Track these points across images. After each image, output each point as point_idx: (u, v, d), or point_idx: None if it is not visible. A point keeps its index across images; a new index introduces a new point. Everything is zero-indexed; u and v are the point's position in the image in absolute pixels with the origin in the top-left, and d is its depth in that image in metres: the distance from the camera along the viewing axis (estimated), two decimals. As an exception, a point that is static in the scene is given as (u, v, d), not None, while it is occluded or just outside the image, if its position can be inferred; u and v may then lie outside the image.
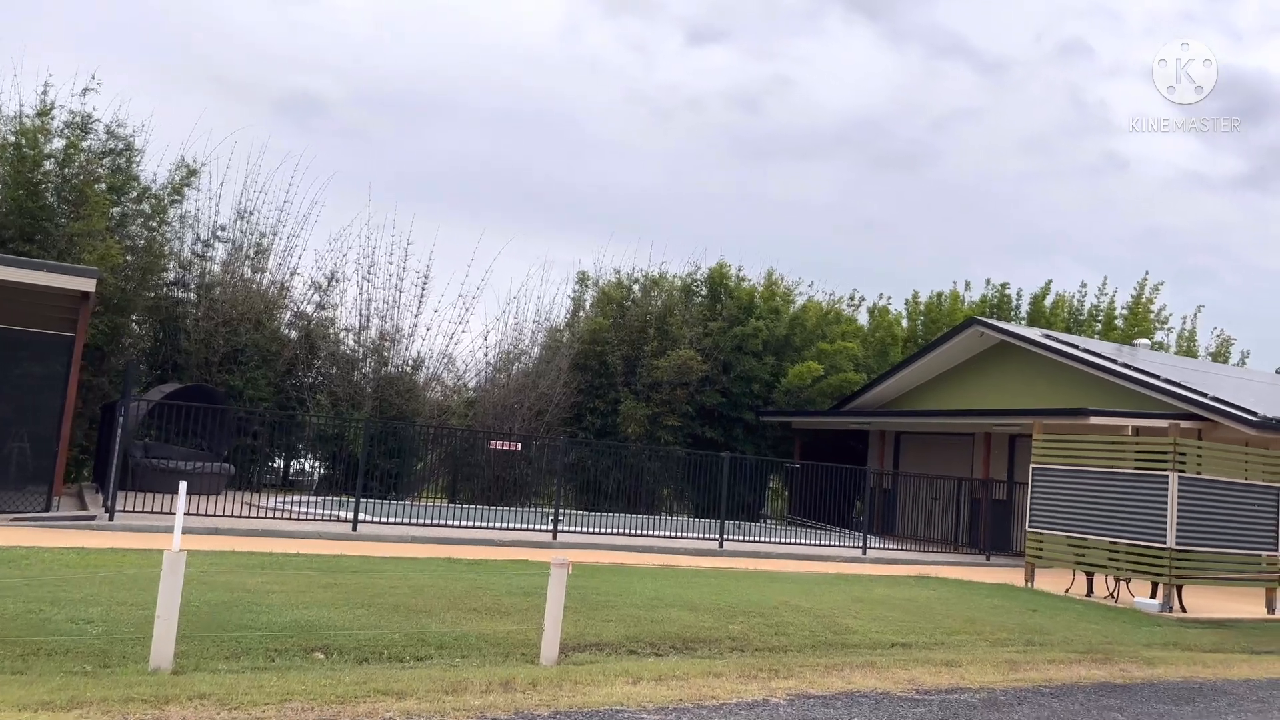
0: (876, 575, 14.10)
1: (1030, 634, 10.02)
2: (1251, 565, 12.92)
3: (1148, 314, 31.30)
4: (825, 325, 26.42)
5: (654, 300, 24.82)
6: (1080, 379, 19.21)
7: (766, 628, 8.90)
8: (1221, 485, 12.71)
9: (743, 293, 25.18)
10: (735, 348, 24.40)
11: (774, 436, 25.35)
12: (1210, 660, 9.14)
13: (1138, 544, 12.67)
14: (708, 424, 24.44)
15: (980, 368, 21.84)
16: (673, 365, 23.07)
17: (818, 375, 23.83)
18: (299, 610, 7.49)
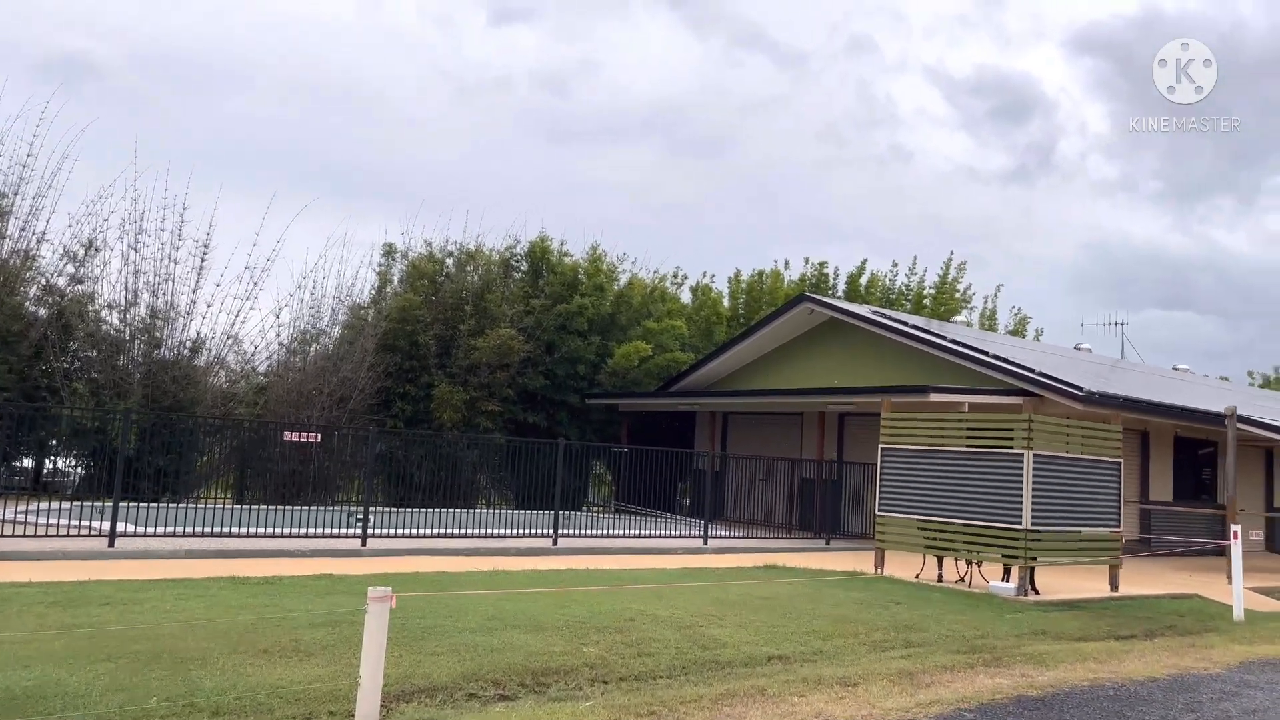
0: (724, 568, 13.06)
1: (904, 631, 9.17)
2: (1097, 542, 12.73)
3: (954, 293, 32.20)
4: (651, 303, 25.39)
5: (470, 276, 22.96)
6: (910, 356, 18.98)
7: (627, 647, 7.55)
8: (1072, 462, 12.42)
9: (566, 268, 23.72)
10: (559, 327, 22.94)
11: (600, 420, 24.10)
12: (1096, 653, 8.53)
13: (992, 525, 12.19)
14: (530, 409, 22.88)
15: (810, 345, 21.36)
16: (492, 346, 21.35)
17: (645, 355, 22.73)
18: (14, 672, 5.47)
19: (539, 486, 17.04)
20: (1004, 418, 12.76)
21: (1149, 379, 23.40)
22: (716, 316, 27.28)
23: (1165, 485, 20.67)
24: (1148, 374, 25.23)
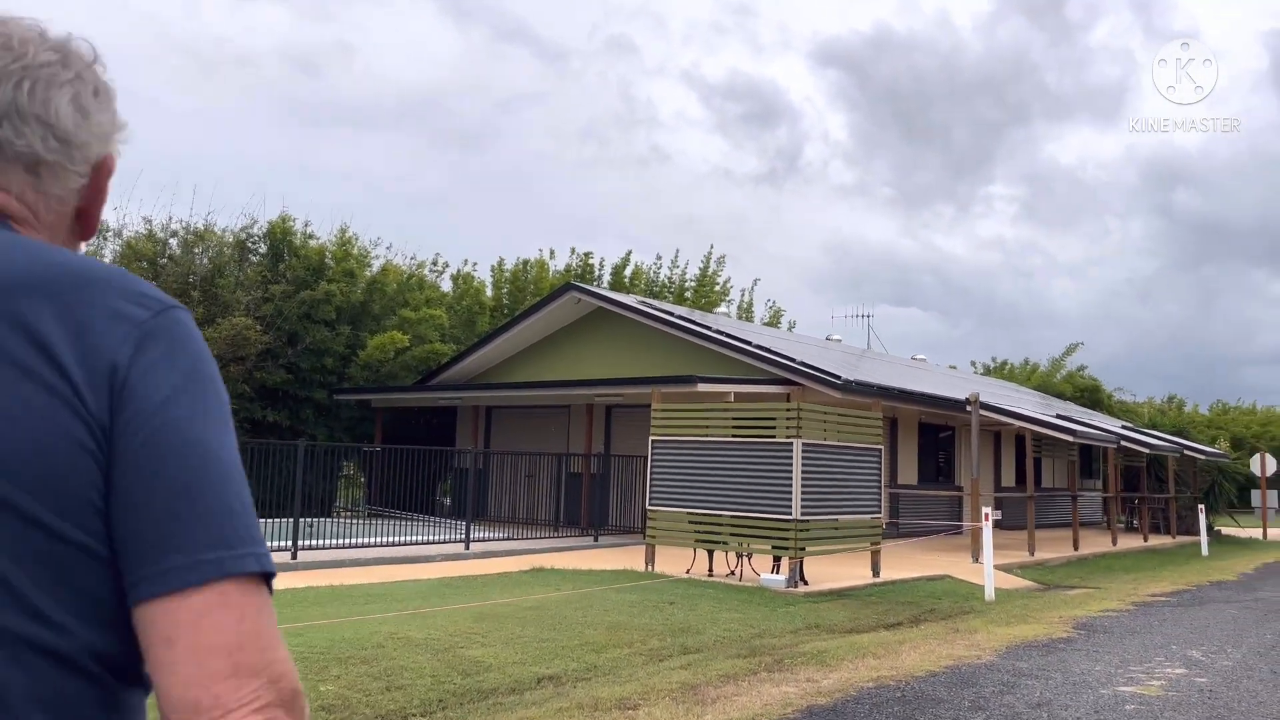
0: (488, 574, 12.07)
1: (681, 635, 8.60)
2: (862, 529, 12.82)
3: (714, 286, 32.68)
4: (408, 292, 23.84)
5: (198, 258, 20.52)
6: (677, 346, 18.73)
7: (373, 680, 6.45)
8: (838, 450, 12.40)
9: (311, 252, 21.74)
10: (303, 315, 20.97)
11: (351, 418, 22.32)
12: (873, 647, 8.30)
13: (762, 517, 11.94)
14: (271, 406, 20.78)
15: (577, 336, 20.70)
16: (224, 336, 19.12)
17: (402, 346, 21.23)
18: None
19: (279, 493, 15.28)
20: (772, 407, 12.56)
21: (894, 368, 24.58)
22: (479, 306, 26.10)
23: (911, 469, 21.69)
24: (892, 363, 26.56)
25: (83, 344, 0.80)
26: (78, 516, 0.78)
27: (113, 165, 0.98)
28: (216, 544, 0.79)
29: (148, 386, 0.80)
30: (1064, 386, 38.96)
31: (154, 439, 0.80)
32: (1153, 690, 6.79)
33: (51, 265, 0.83)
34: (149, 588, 0.78)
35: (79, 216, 0.97)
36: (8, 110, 0.89)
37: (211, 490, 0.80)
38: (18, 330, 0.79)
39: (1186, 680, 7.15)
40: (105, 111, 0.96)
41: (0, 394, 0.77)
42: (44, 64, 0.91)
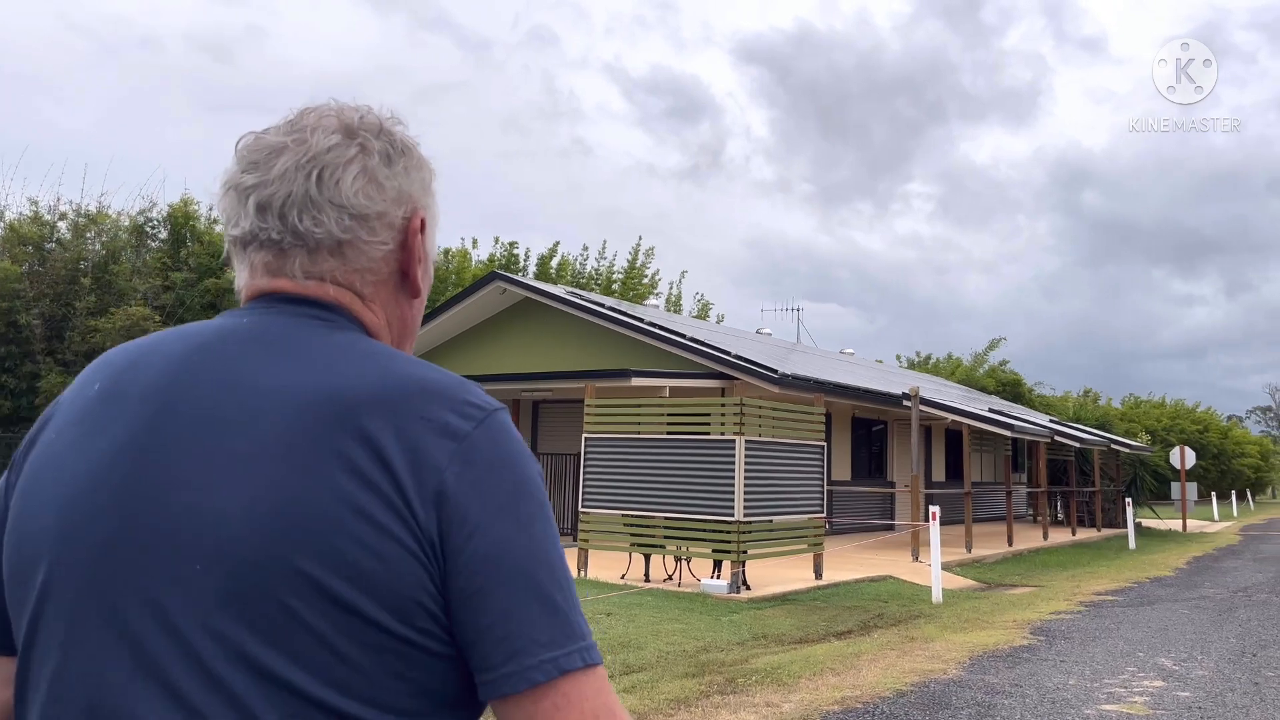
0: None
1: (621, 650, 7.87)
2: (804, 530, 12.24)
3: (642, 278, 32.02)
4: (321, 281, 22.59)
5: (91, 243, 19.01)
6: (608, 338, 17.97)
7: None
8: (779, 447, 11.79)
9: (217, 238, 20.33)
10: (208, 305, 19.61)
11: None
12: (828, 660, 7.67)
13: (702, 519, 11.27)
14: (171, 401, 19.39)
15: (503, 328, 19.77)
16: (119, 327, 17.70)
17: (314, 339, 20.02)
18: None
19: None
20: (713, 402, 11.89)
21: (827, 361, 24.22)
22: (397, 297, 24.94)
23: (845, 465, 21.32)
24: (824, 357, 26.23)
25: (416, 460, 0.85)
26: (406, 615, 0.83)
27: (421, 222, 1.01)
28: (551, 644, 0.84)
29: (471, 504, 0.86)
30: (987, 381, 39.32)
31: (483, 554, 0.85)
32: (1138, 709, 6.28)
33: (394, 379, 0.89)
34: (497, 688, 0.84)
35: (402, 276, 1.00)
36: (303, 202, 0.94)
37: (541, 594, 0.85)
38: (364, 444, 0.84)
39: (1169, 695, 6.67)
40: (402, 174, 0.99)
41: (332, 495, 0.83)
42: (329, 148, 0.95)
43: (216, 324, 0.94)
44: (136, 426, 0.86)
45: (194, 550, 0.82)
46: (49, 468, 0.89)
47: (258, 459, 0.84)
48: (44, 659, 0.85)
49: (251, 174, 0.95)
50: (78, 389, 0.93)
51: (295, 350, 0.90)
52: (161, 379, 0.89)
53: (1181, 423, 49.90)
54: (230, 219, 0.97)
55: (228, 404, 0.86)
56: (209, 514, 0.83)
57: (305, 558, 0.81)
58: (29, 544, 0.87)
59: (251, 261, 0.96)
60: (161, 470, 0.84)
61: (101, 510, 0.84)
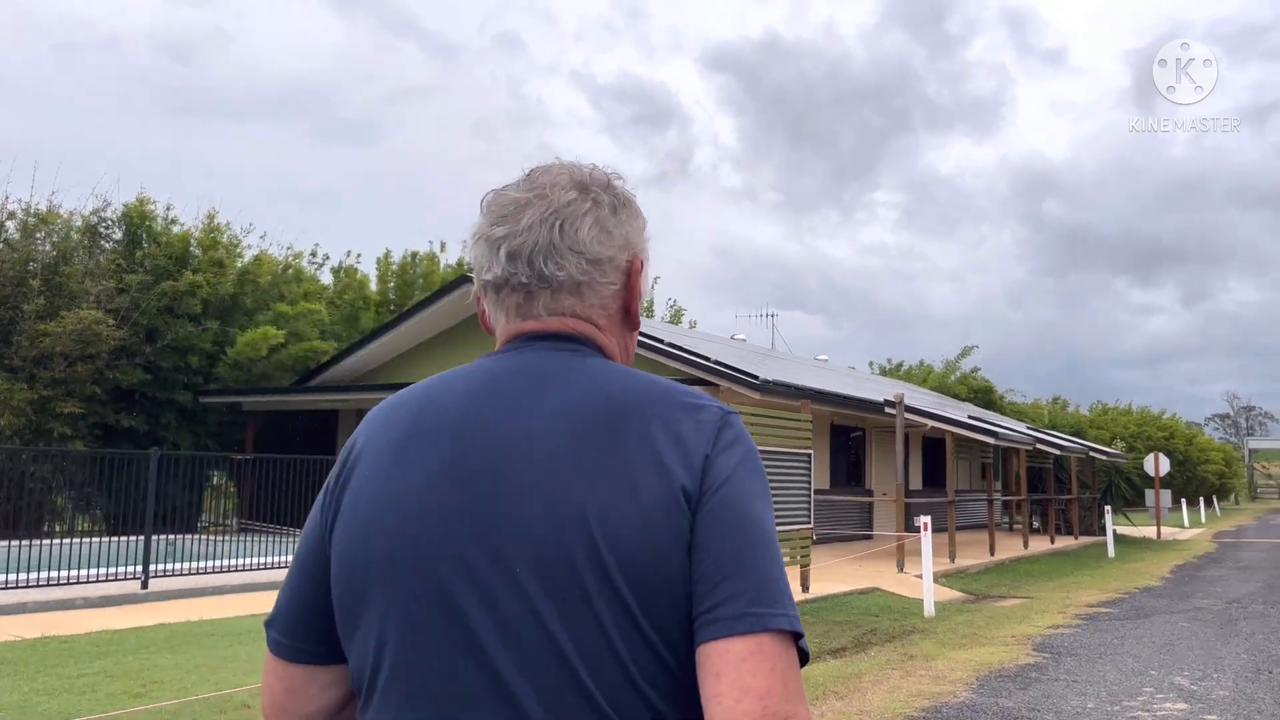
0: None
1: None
2: (793, 541, 11.79)
3: (614, 284, 31.52)
4: (284, 284, 21.85)
5: (40, 244, 18.17)
6: (582, 344, 17.46)
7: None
8: (769, 456, 11.33)
9: (174, 239, 19.59)
10: (164, 309, 18.84)
11: (219, 422, 20.23)
12: (830, 683, 7.20)
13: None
14: (126, 409, 18.59)
15: (473, 333, 19.17)
16: (71, 331, 16.91)
17: (276, 343, 19.29)
18: None
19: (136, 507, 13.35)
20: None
21: (803, 368, 23.86)
22: (364, 301, 24.22)
23: (824, 473, 20.93)
24: (800, 363, 25.88)
25: (682, 445, 0.98)
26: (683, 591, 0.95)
27: (641, 265, 1.15)
28: (758, 600, 0.93)
29: (720, 465, 0.99)
30: (959, 388, 39.26)
31: (720, 502, 0.97)
32: (1169, 735, 5.87)
33: (650, 386, 1.04)
34: (708, 631, 0.93)
35: (626, 311, 1.15)
36: (548, 249, 1.07)
37: (757, 554, 0.96)
38: (641, 442, 0.98)
39: (1195, 719, 6.27)
40: (625, 223, 1.13)
41: (626, 492, 0.95)
42: (567, 203, 1.09)
43: (484, 365, 1.09)
44: (445, 457, 1.00)
45: (516, 556, 0.95)
46: (371, 500, 1.01)
47: (551, 468, 0.97)
48: (394, 663, 0.97)
49: (501, 226, 1.08)
50: (377, 432, 1.06)
51: (560, 375, 1.04)
52: (458, 415, 1.02)
53: (1148, 429, 50.24)
54: (482, 266, 1.10)
55: (517, 427, 1.00)
56: (520, 521, 0.96)
57: (611, 551, 0.94)
58: (361, 567, 0.99)
59: (506, 306, 1.10)
60: (474, 489, 0.98)
61: (429, 530, 0.97)
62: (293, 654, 1.07)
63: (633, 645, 0.93)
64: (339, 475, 1.06)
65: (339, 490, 1.04)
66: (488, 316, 1.14)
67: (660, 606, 0.93)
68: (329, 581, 1.03)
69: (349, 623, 1.01)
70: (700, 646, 0.93)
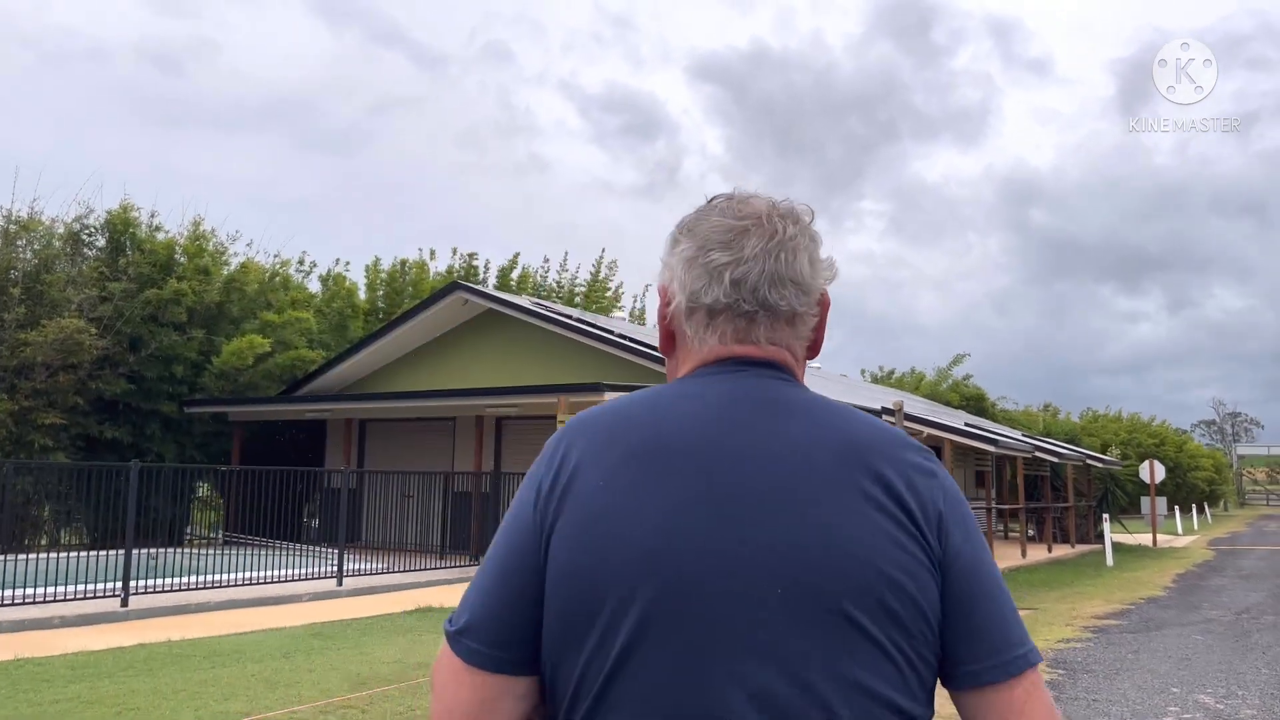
0: (365, 618, 10.21)
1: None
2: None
3: (606, 291, 31.26)
4: (271, 292, 21.46)
5: (22, 251, 17.78)
6: (574, 351, 17.16)
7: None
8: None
9: (158, 246, 19.21)
10: (148, 318, 18.45)
11: (204, 433, 19.83)
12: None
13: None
14: (110, 420, 18.18)
15: (464, 341, 18.87)
16: (52, 341, 16.52)
17: (263, 352, 18.91)
18: None
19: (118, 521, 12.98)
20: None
21: (797, 376, 23.60)
22: (352, 310, 23.86)
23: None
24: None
25: (917, 494, 1.04)
26: (925, 625, 1.00)
27: (829, 299, 1.19)
28: (1016, 643, 1.04)
29: (953, 527, 1.05)
30: (951, 395, 39.08)
31: (967, 568, 1.04)
32: (1203, 760, 5.59)
33: (879, 430, 1.08)
34: (987, 676, 1.02)
35: (811, 344, 1.19)
36: (773, 279, 1.12)
37: (1002, 599, 1.05)
38: (879, 483, 1.03)
39: (1227, 741, 6.00)
40: (823, 258, 1.18)
41: (872, 526, 1.00)
42: (790, 235, 1.13)
43: (701, 387, 1.11)
44: (689, 478, 1.01)
45: (773, 580, 0.98)
46: (604, 515, 1.01)
47: (806, 499, 1.01)
48: (638, 674, 0.98)
49: (723, 253, 1.12)
50: (599, 446, 1.05)
51: (790, 405, 1.09)
52: (696, 437, 1.05)
53: (1139, 436, 50.18)
54: (698, 289, 1.13)
55: (763, 453, 1.03)
56: (781, 548, 0.99)
57: (862, 579, 0.98)
58: (597, 581, 0.99)
59: (720, 330, 1.13)
60: (732, 515, 1.00)
61: (687, 551, 0.99)
62: (493, 664, 1.04)
63: (881, 676, 0.98)
64: (553, 483, 1.05)
65: (557, 499, 1.04)
66: (683, 335, 1.16)
67: (908, 642, 0.99)
68: (541, 591, 1.02)
69: (573, 635, 1.01)
70: (975, 692, 1.02)
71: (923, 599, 0.99)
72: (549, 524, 1.02)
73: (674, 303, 1.15)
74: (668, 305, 1.16)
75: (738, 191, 1.18)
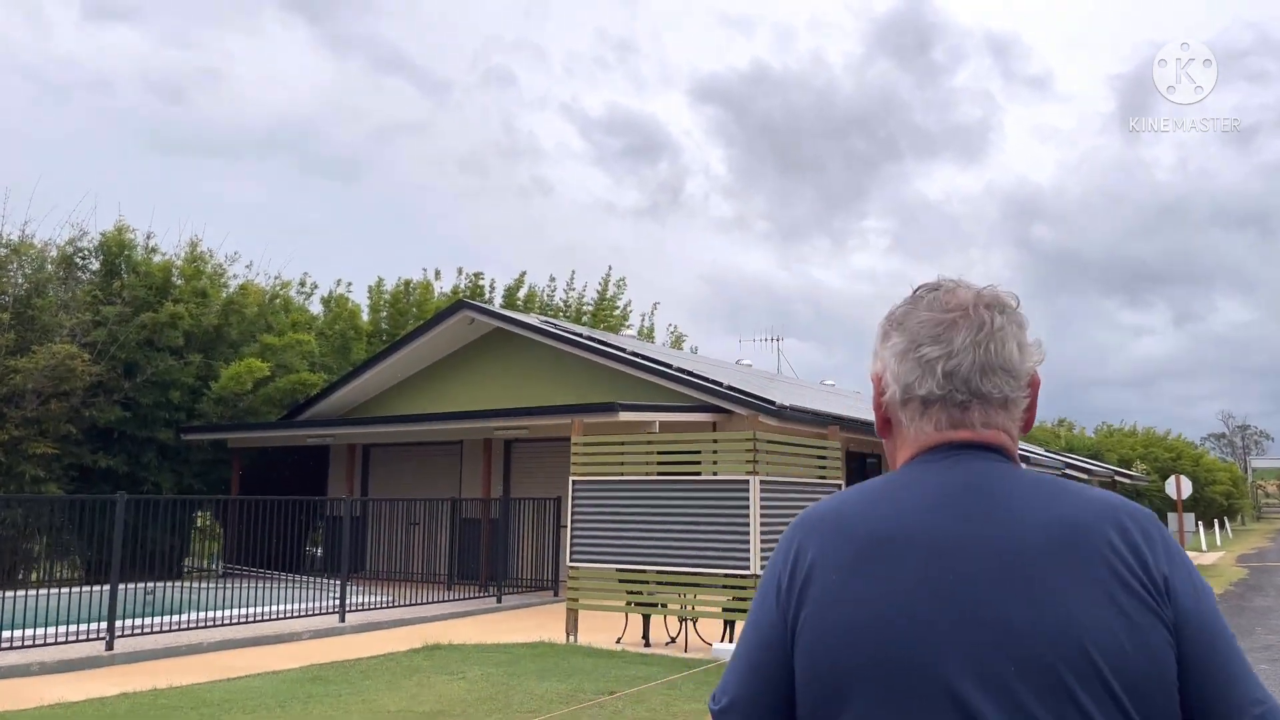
0: (369, 657, 9.51)
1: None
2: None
3: (614, 309, 30.66)
4: (271, 314, 20.86)
5: (13, 276, 17.21)
6: (584, 370, 16.51)
7: None
8: (797, 487, 10.38)
9: (155, 268, 18.63)
10: (144, 342, 17.85)
11: (203, 461, 19.18)
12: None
13: (712, 572, 9.79)
14: (104, 449, 17.54)
15: (470, 362, 18.24)
16: (43, 368, 15.92)
17: (263, 376, 18.28)
18: None
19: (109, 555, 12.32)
20: (726, 436, 10.48)
21: (816, 393, 22.93)
22: (355, 331, 23.23)
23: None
24: (808, 387, 24.95)
25: (1140, 562, 1.08)
26: (1161, 694, 1.04)
27: (1039, 379, 1.25)
28: (1258, 699, 1.07)
29: (1181, 590, 1.09)
30: (965, 411, 38.35)
31: (1201, 630, 1.07)
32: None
33: (1101, 503, 1.13)
34: None
35: (1023, 422, 1.24)
36: (983, 369, 1.19)
37: (1239, 661, 1.09)
38: (1098, 556, 1.07)
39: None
40: (1030, 342, 1.23)
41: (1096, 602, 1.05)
42: (997, 326, 1.20)
43: (922, 474, 1.19)
44: (920, 566, 1.10)
45: (1003, 660, 1.04)
46: (845, 606, 1.10)
47: (1029, 579, 1.06)
48: None
49: (933, 347, 1.20)
50: (832, 541, 1.16)
51: (1009, 488, 1.15)
52: (921, 526, 1.12)
53: (1155, 450, 49.34)
54: (912, 381, 1.21)
55: (988, 537, 1.10)
56: (1007, 629, 1.05)
57: (1090, 656, 1.03)
58: (842, 668, 1.09)
59: (935, 418, 1.21)
60: (956, 597, 1.07)
61: (917, 635, 1.06)
62: None
63: None
64: (791, 579, 1.16)
65: (799, 592, 1.14)
66: (899, 422, 1.24)
67: (1151, 711, 1.03)
68: (790, 674, 1.13)
69: (821, 713, 1.10)
70: None
71: (1156, 670, 1.04)
72: (792, 616, 1.14)
73: (888, 393, 1.24)
74: (881, 394, 1.25)
75: (943, 281, 1.26)
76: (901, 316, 1.23)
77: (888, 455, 1.28)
